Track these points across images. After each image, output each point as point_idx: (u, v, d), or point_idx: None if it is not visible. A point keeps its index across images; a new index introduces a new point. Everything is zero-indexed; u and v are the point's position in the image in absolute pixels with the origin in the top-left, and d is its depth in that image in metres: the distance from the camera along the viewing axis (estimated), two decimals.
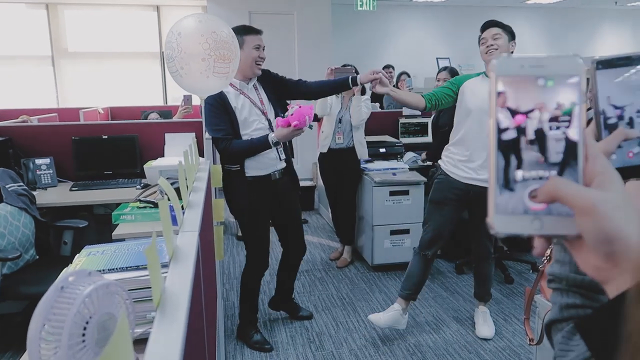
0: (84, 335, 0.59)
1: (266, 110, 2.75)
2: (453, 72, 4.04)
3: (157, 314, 0.59)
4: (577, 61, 0.44)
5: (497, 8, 9.42)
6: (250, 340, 2.94)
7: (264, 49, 2.73)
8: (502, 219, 0.44)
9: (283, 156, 2.79)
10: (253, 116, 2.68)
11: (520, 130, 0.45)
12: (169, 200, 0.87)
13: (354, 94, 3.84)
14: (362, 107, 3.83)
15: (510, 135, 0.45)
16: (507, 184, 0.45)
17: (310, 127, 2.49)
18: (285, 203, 2.90)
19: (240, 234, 4.86)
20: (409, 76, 6.71)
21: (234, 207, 2.79)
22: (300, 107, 2.43)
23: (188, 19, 1.88)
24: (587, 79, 0.48)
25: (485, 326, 3.04)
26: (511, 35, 2.78)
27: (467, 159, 2.80)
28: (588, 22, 10.04)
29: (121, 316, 0.41)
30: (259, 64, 2.70)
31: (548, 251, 2.13)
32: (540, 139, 0.45)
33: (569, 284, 0.66)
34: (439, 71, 4.15)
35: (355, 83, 2.71)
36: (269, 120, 2.73)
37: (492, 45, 2.74)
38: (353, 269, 4.10)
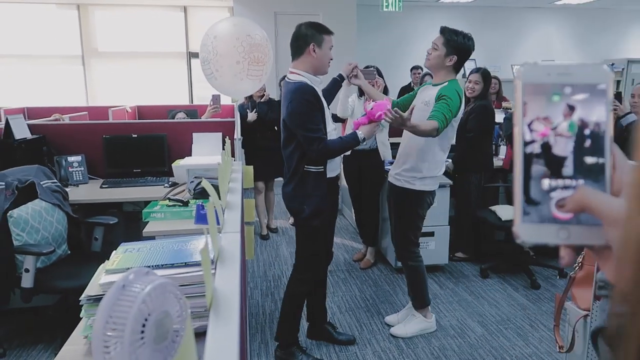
0: (142, 332, 0.61)
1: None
2: (485, 74, 3.94)
3: (211, 314, 0.60)
4: (603, 69, 0.44)
5: (525, 9, 9.29)
6: None
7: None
8: (528, 227, 0.44)
9: None
10: (329, 115, 2.62)
11: (547, 139, 0.44)
12: (213, 201, 0.89)
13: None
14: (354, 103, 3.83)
15: (536, 143, 0.45)
16: (533, 192, 0.44)
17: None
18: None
19: (264, 233, 4.90)
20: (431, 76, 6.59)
21: (312, 209, 2.54)
22: (375, 102, 2.55)
23: (223, 22, 1.91)
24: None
25: (400, 324, 3.12)
26: (453, 50, 2.64)
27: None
28: (618, 24, 9.82)
29: (187, 325, 0.43)
30: (329, 65, 2.62)
31: (580, 258, 2.10)
32: (567, 147, 0.44)
33: None
34: (471, 72, 4.05)
35: (342, 78, 2.79)
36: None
37: (428, 53, 2.74)
38: (376, 270, 4.09)
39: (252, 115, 4.48)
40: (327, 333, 2.99)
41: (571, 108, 0.44)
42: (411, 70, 7.23)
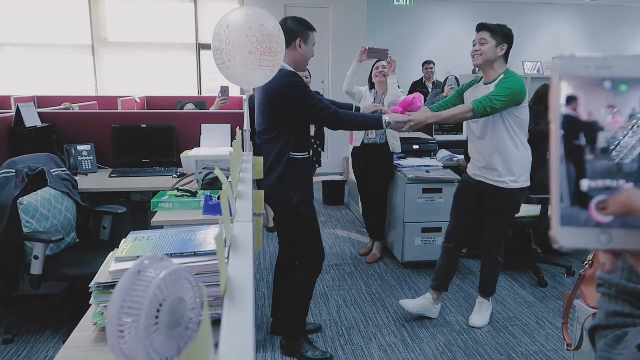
0: (157, 317, 0.61)
1: None
2: None
3: (226, 301, 0.60)
4: None
5: (536, 5, 9.20)
6: (306, 356, 2.71)
7: None
8: (567, 232, 0.42)
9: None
10: None
11: (586, 136, 0.42)
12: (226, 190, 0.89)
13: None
14: (395, 85, 3.80)
15: (574, 141, 0.42)
16: (572, 194, 0.42)
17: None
18: None
19: (271, 225, 4.91)
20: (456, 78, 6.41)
21: (301, 196, 2.54)
22: (413, 96, 2.64)
23: (236, 12, 1.90)
24: None
25: (478, 315, 3.15)
26: (502, 38, 2.73)
27: (475, 159, 2.96)
28: (630, 21, 9.71)
29: (205, 311, 0.42)
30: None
31: (590, 256, 2.09)
32: (608, 146, 0.42)
33: (619, 291, 0.64)
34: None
35: (387, 125, 2.59)
36: None
37: (477, 50, 2.73)
38: (383, 265, 4.09)
39: None
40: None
41: (613, 104, 0.42)
42: (423, 65, 7.17)
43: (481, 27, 2.77)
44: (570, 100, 0.42)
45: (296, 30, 2.46)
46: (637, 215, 0.41)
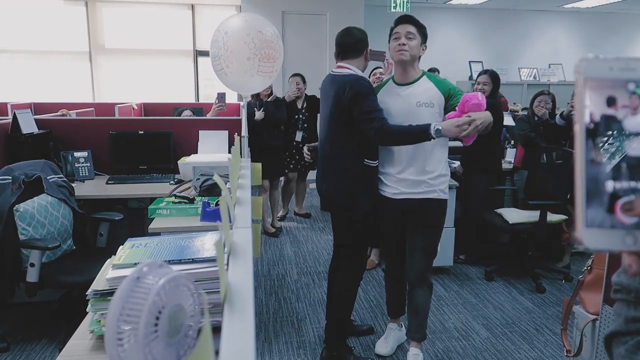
0: (156, 325, 0.60)
1: None
2: (494, 76, 3.94)
3: (226, 308, 0.59)
4: None
5: (533, 12, 9.25)
6: None
7: None
8: (592, 233, 0.41)
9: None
10: None
11: (612, 137, 0.42)
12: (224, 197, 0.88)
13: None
14: None
15: (600, 142, 0.42)
16: (597, 195, 0.41)
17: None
18: None
19: (270, 231, 4.90)
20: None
21: (367, 203, 2.52)
22: (470, 95, 2.24)
23: (234, 18, 1.90)
24: None
25: None
26: (424, 38, 2.43)
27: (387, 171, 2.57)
28: (626, 28, 9.78)
29: (206, 319, 0.42)
30: None
31: (589, 261, 2.09)
32: (634, 147, 0.42)
33: (639, 296, 0.63)
34: (479, 74, 4.05)
35: (437, 132, 2.23)
36: None
37: (403, 45, 2.35)
38: (380, 271, 4.08)
39: (259, 114, 4.49)
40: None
41: (635, 106, 0.42)
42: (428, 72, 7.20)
43: (407, 19, 2.41)
44: (596, 101, 0.42)
45: (365, 40, 2.52)
46: None
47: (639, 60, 0.43)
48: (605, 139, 0.42)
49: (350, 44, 2.49)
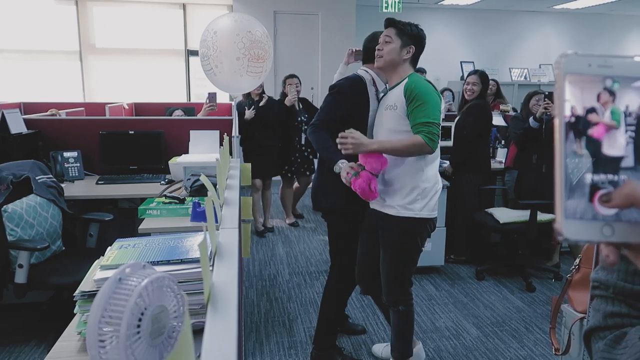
0: (139, 326, 0.60)
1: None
2: (483, 76, 3.95)
3: (209, 309, 0.59)
4: None
5: (523, 13, 9.31)
6: None
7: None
8: (571, 224, 0.43)
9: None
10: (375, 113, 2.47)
11: (590, 131, 0.43)
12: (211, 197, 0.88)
13: None
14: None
15: (577, 136, 0.43)
16: (576, 187, 0.43)
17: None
18: None
19: (260, 229, 4.90)
20: (450, 91, 6.42)
21: (326, 204, 2.55)
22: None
23: (224, 18, 1.89)
24: None
25: None
26: (409, 39, 2.26)
27: None
28: (615, 29, 9.87)
29: (186, 320, 0.42)
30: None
31: (577, 260, 2.10)
32: (610, 140, 0.43)
33: (616, 292, 0.65)
34: (469, 74, 4.06)
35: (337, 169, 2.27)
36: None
37: (379, 50, 2.29)
38: None
39: (249, 113, 4.47)
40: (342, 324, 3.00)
41: (613, 101, 0.43)
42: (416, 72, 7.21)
43: (388, 23, 2.31)
44: (574, 96, 0.43)
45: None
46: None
47: (616, 57, 0.44)
48: (584, 132, 0.43)
49: (370, 49, 2.45)
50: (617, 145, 0.43)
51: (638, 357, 0.55)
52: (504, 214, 3.83)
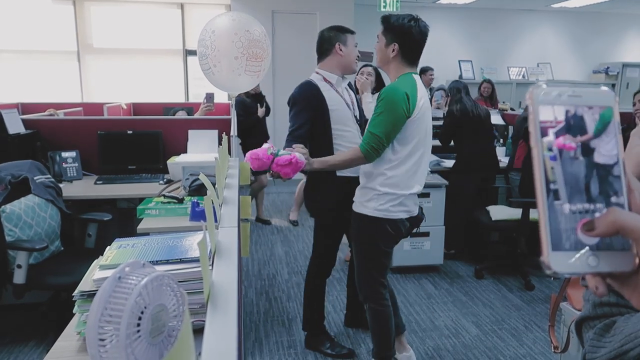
0: (139, 325, 0.60)
1: (356, 115, 2.62)
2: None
3: (209, 308, 0.59)
4: (609, 93, 0.44)
5: (521, 11, 9.31)
6: (325, 351, 2.82)
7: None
8: (558, 256, 0.42)
9: None
10: (347, 114, 2.55)
11: (565, 161, 0.43)
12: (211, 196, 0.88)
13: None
14: (371, 103, 3.80)
15: (555, 166, 0.43)
16: (559, 218, 0.42)
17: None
18: None
19: (263, 217, 5.11)
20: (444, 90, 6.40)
21: (319, 205, 2.64)
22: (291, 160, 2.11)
23: (222, 17, 1.89)
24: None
25: None
26: (392, 36, 2.21)
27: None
28: (614, 28, 9.87)
29: (185, 319, 0.42)
30: (356, 62, 2.66)
31: None
32: (583, 170, 0.43)
33: None
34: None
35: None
36: (359, 125, 2.60)
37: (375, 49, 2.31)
38: None
39: (262, 111, 4.70)
40: (364, 321, 2.94)
41: (584, 130, 0.44)
42: (421, 72, 7.19)
43: (381, 21, 2.28)
44: (548, 126, 0.44)
45: (332, 36, 2.54)
46: (624, 234, 0.41)
47: (583, 88, 0.45)
48: (560, 161, 0.43)
49: (317, 48, 2.57)
50: (589, 174, 0.43)
51: (624, 342, 0.55)
52: (497, 211, 3.83)
